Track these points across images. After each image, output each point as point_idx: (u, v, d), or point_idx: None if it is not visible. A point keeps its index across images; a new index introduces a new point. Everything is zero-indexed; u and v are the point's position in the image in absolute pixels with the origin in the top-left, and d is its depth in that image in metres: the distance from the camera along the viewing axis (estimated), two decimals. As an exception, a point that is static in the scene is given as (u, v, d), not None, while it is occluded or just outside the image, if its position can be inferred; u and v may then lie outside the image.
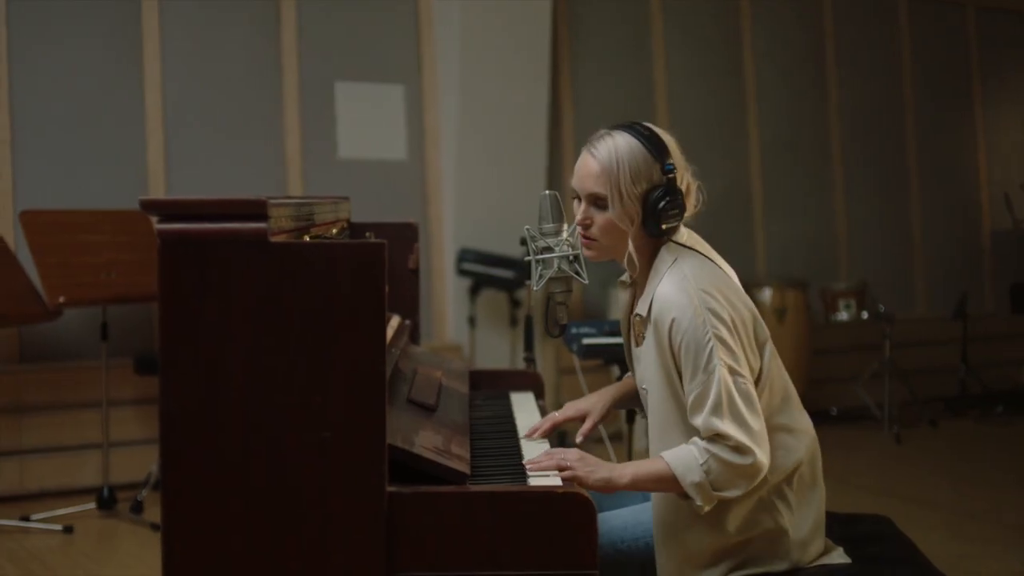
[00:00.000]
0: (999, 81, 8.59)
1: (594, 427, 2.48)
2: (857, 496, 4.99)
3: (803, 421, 2.23)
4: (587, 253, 2.27)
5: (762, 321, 2.20)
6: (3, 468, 5.01)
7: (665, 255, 2.20)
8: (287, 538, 1.86)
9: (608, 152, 2.19)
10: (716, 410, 2.05)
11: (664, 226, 2.17)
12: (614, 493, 2.53)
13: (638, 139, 2.19)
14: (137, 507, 4.70)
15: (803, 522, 2.18)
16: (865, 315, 7.03)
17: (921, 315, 7.96)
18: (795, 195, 7.58)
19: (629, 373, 2.62)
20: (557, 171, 6.63)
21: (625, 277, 2.38)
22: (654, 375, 2.17)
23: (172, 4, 5.68)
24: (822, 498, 2.24)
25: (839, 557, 2.22)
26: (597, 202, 2.21)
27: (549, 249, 2.34)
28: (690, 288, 2.11)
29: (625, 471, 2.13)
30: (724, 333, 2.08)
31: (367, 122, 6.19)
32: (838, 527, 2.36)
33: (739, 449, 2.05)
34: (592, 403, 2.53)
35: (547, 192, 2.37)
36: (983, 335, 7.51)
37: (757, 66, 7.47)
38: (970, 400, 7.15)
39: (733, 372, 2.07)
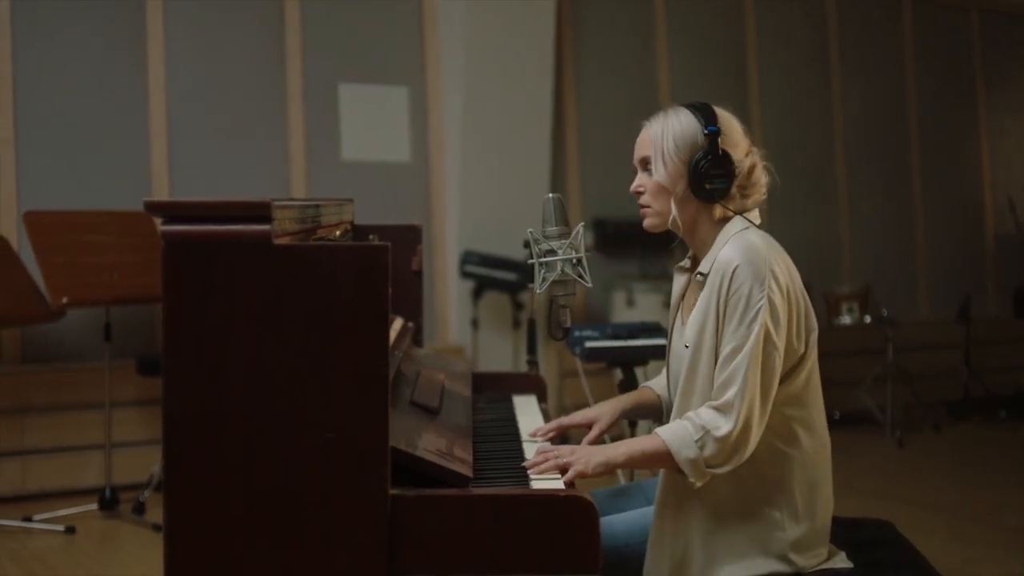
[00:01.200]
0: (1003, 84, 8.59)
1: (600, 435, 2.48)
2: (860, 500, 4.98)
3: (822, 431, 2.24)
4: (645, 223, 2.30)
5: (813, 311, 2.22)
6: (5, 468, 5.02)
7: (736, 223, 2.23)
8: (289, 540, 1.86)
9: (658, 121, 2.27)
10: (742, 365, 2.08)
11: (708, 186, 2.19)
12: (618, 494, 2.55)
13: (688, 109, 2.25)
14: (139, 508, 4.70)
15: (803, 528, 2.17)
16: (868, 319, 7.03)
17: (924, 319, 7.95)
18: (798, 198, 7.57)
19: (645, 384, 2.61)
20: (561, 173, 6.64)
21: (684, 263, 2.40)
22: (698, 330, 2.18)
23: (176, 5, 5.68)
24: (828, 510, 2.24)
25: (841, 562, 2.22)
26: (647, 166, 2.27)
27: (552, 252, 2.34)
28: (760, 247, 2.14)
29: (619, 450, 2.16)
30: (777, 298, 2.10)
31: (371, 124, 6.20)
32: (841, 532, 2.36)
33: (725, 408, 2.07)
34: (601, 411, 2.52)
35: (551, 195, 2.38)
36: (986, 339, 7.50)
37: (760, 68, 7.47)
38: (973, 404, 7.14)
39: (768, 339, 2.09)
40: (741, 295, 2.10)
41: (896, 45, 8.11)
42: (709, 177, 2.19)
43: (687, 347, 2.22)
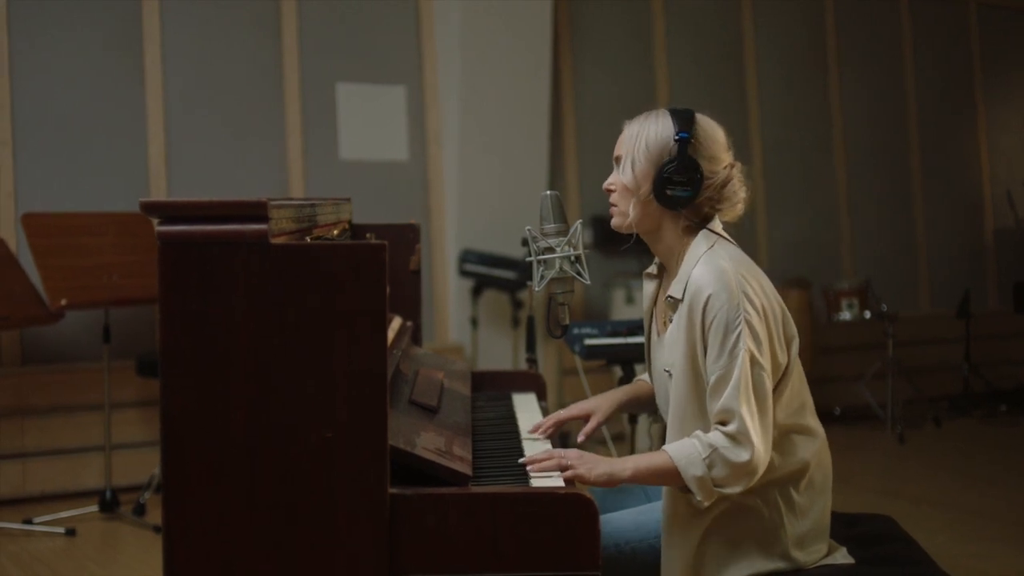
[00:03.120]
0: (1001, 78, 8.58)
1: (597, 427, 2.48)
2: (860, 496, 4.99)
3: (816, 427, 2.24)
4: (612, 222, 2.30)
5: (791, 318, 2.21)
6: (6, 471, 5.02)
7: (702, 240, 2.21)
8: (289, 540, 1.85)
9: (638, 121, 2.26)
10: (733, 395, 2.06)
11: (669, 192, 2.17)
12: (618, 492, 2.55)
13: (670, 113, 2.23)
14: (139, 509, 4.71)
15: (802, 524, 2.17)
16: (868, 314, 7.02)
17: (924, 314, 7.95)
18: (797, 194, 7.57)
19: (639, 377, 2.61)
20: (559, 171, 6.64)
21: (652, 268, 2.39)
22: (679, 356, 2.16)
23: (173, 5, 5.67)
24: (827, 505, 2.24)
25: (842, 557, 2.22)
26: (618, 167, 2.27)
27: (551, 249, 2.33)
28: (729, 270, 2.12)
29: (626, 465, 2.13)
30: (755, 320, 2.09)
31: (368, 123, 6.19)
32: (841, 527, 2.35)
33: (738, 437, 2.05)
34: (597, 403, 2.52)
35: (548, 192, 2.37)
36: (987, 333, 7.50)
37: (759, 63, 7.47)
38: (974, 399, 7.14)
39: (754, 362, 2.08)
40: (719, 323, 2.08)
41: (894, 40, 8.10)
42: (672, 183, 2.17)
43: (667, 371, 2.21)
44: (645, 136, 2.21)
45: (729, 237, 2.26)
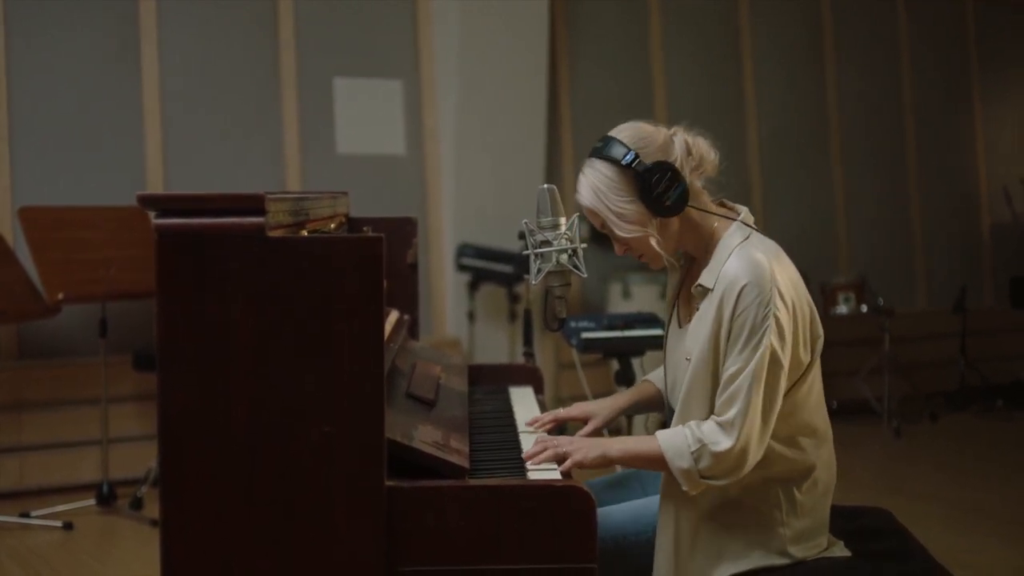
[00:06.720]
0: (999, 75, 8.58)
1: (595, 431, 2.48)
2: (857, 490, 4.98)
3: (825, 431, 2.24)
4: (652, 267, 2.29)
5: (818, 317, 2.20)
6: (3, 464, 5.02)
7: (736, 232, 2.20)
8: (286, 534, 1.86)
9: (588, 190, 2.21)
10: (744, 386, 2.06)
11: (667, 202, 2.15)
12: (615, 486, 2.55)
13: (600, 158, 2.19)
14: (136, 503, 4.71)
15: (802, 522, 2.17)
16: (864, 309, 7.02)
17: (921, 309, 7.96)
18: (794, 189, 7.57)
19: (644, 378, 2.61)
20: (556, 166, 6.63)
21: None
22: (701, 343, 2.14)
23: (170, 2, 5.67)
24: (828, 504, 2.24)
25: (839, 551, 2.22)
26: (615, 232, 2.23)
27: (547, 243, 2.33)
28: (764, 263, 2.11)
29: (615, 447, 2.16)
30: (783, 317, 2.09)
31: (366, 117, 6.19)
32: (839, 521, 2.35)
33: (728, 426, 2.06)
34: (599, 407, 2.52)
35: (545, 186, 2.36)
36: (983, 329, 7.50)
37: (755, 61, 7.46)
38: (970, 394, 7.14)
39: (774, 359, 2.08)
40: (747, 316, 2.08)
41: (892, 37, 8.10)
42: (662, 194, 2.14)
43: (687, 359, 2.20)
44: (607, 189, 2.18)
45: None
